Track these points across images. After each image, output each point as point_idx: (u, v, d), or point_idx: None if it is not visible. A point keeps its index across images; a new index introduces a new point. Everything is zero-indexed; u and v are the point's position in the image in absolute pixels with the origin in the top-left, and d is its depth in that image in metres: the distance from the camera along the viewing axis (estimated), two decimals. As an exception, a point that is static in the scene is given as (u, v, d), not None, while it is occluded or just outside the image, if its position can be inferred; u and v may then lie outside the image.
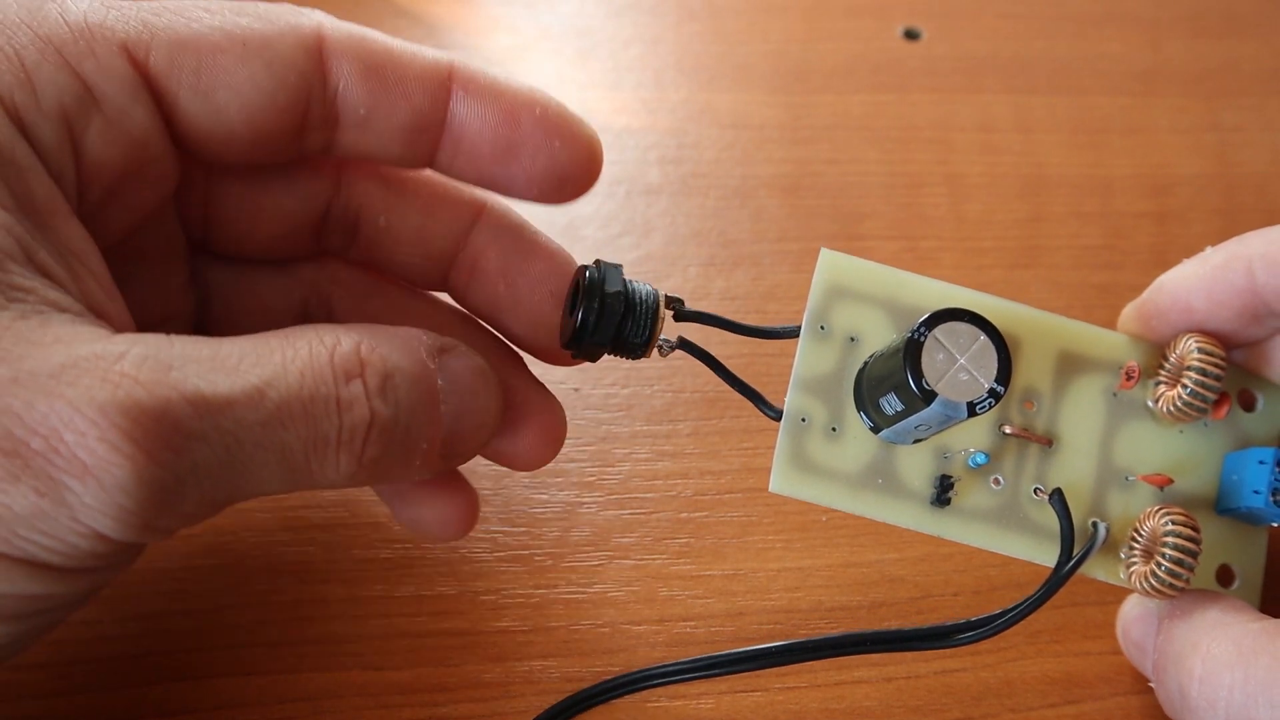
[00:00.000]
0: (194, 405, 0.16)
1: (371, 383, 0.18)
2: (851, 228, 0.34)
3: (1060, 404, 0.23)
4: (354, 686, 0.24)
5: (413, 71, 0.21)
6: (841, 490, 0.22)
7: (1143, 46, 0.39)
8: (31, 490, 0.15)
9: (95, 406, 0.15)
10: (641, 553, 0.27)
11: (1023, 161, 0.35)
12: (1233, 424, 0.24)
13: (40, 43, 0.18)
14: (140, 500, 0.16)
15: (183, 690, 0.24)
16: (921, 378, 0.20)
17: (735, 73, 0.37)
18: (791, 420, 0.22)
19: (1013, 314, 0.23)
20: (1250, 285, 0.22)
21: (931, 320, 0.20)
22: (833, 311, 0.23)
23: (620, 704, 0.25)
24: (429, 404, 0.20)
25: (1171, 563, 0.21)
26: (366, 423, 0.18)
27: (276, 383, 0.17)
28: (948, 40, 0.38)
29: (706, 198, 0.34)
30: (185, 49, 0.19)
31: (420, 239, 0.24)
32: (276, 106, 0.20)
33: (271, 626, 0.25)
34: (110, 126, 0.19)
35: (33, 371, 0.15)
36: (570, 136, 0.22)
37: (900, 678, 0.25)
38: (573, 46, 0.37)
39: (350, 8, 0.37)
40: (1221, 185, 0.35)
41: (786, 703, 0.25)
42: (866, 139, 0.36)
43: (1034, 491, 0.23)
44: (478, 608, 0.26)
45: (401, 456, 0.19)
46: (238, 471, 0.17)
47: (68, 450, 0.15)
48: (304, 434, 0.17)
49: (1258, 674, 0.19)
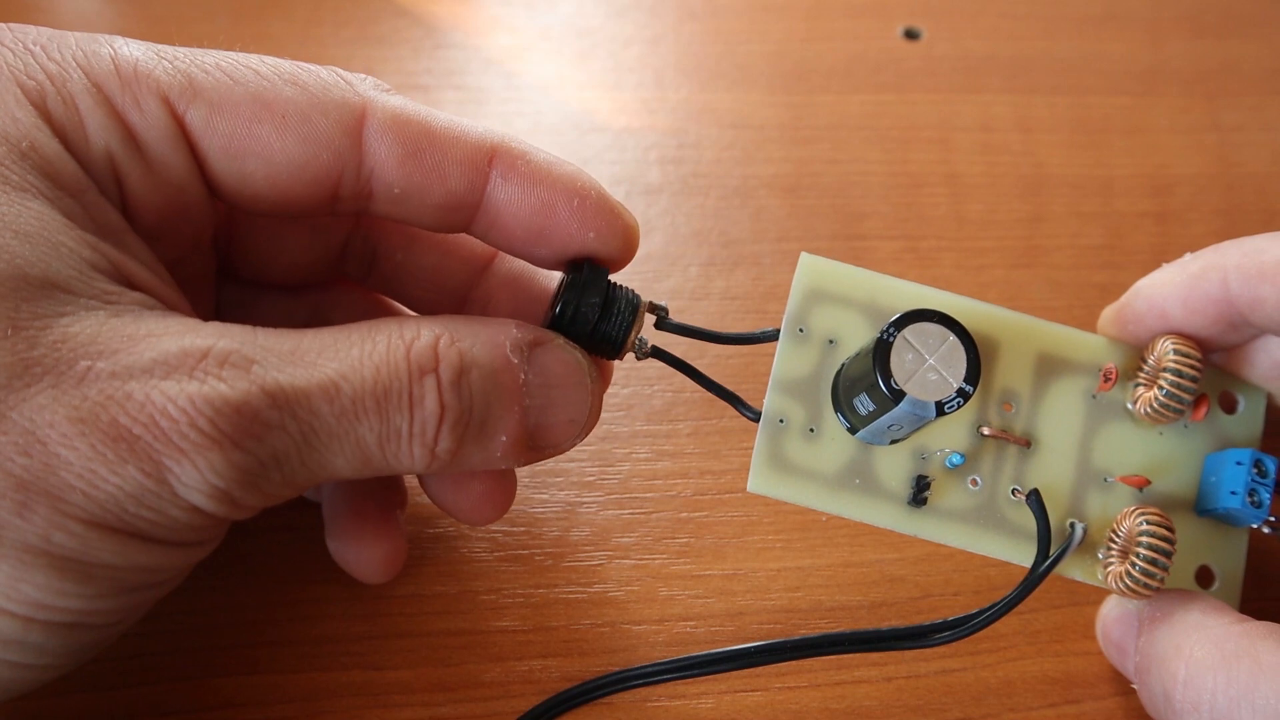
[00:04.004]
0: (273, 398, 0.18)
1: (445, 377, 0.19)
2: (852, 227, 0.34)
3: (1039, 406, 0.23)
4: (354, 686, 0.24)
5: (453, 155, 0.21)
6: (819, 490, 0.22)
7: (1143, 46, 0.39)
8: (138, 471, 0.17)
9: (186, 398, 0.17)
10: (641, 552, 0.27)
11: (1023, 161, 0.35)
12: (1213, 426, 0.24)
13: (92, 88, 0.19)
14: (229, 480, 0.17)
15: (183, 690, 0.24)
16: (890, 377, 0.20)
17: (735, 73, 0.37)
18: (769, 421, 0.23)
19: (991, 316, 0.23)
20: (1225, 295, 0.22)
21: (901, 321, 0.21)
22: (812, 314, 0.23)
23: (620, 704, 0.25)
24: (507, 398, 0.20)
25: (1146, 562, 0.21)
26: (438, 417, 0.19)
27: (351, 376, 0.18)
28: (948, 40, 0.38)
29: (706, 198, 0.34)
30: (222, 112, 0.20)
31: (434, 278, 0.24)
32: (306, 179, 0.21)
33: (271, 626, 0.25)
34: (151, 172, 0.20)
35: (129, 366, 0.17)
36: (607, 229, 0.22)
37: (900, 677, 0.25)
38: (573, 46, 0.37)
39: (350, 8, 0.37)
40: (1221, 185, 0.35)
41: (786, 703, 0.25)
42: (867, 139, 0.36)
43: (1012, 492, 0.23)
44: (478, 608, 0.26)
45: (479, 447, 0.20)
46: (314, 458, 0.18)
47: (165, 435, 0.17)
48: (376, 427, 0.19)
49: (1240, 678, 0.20)
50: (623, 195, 0.33)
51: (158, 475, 0.17)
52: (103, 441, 0.16)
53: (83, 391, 0.17)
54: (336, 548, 0.24)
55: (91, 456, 0.16)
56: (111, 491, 0.17)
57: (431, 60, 0.37)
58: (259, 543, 0.26)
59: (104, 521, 0.17)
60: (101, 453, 0.16)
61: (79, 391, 0.17)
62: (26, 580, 0.17)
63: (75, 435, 0.16)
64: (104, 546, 0.17)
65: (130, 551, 0.18)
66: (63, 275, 0.17)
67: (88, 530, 0.17)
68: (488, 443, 0.20)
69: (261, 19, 0.37)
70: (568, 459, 0.28)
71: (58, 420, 0.16)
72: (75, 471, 0.16)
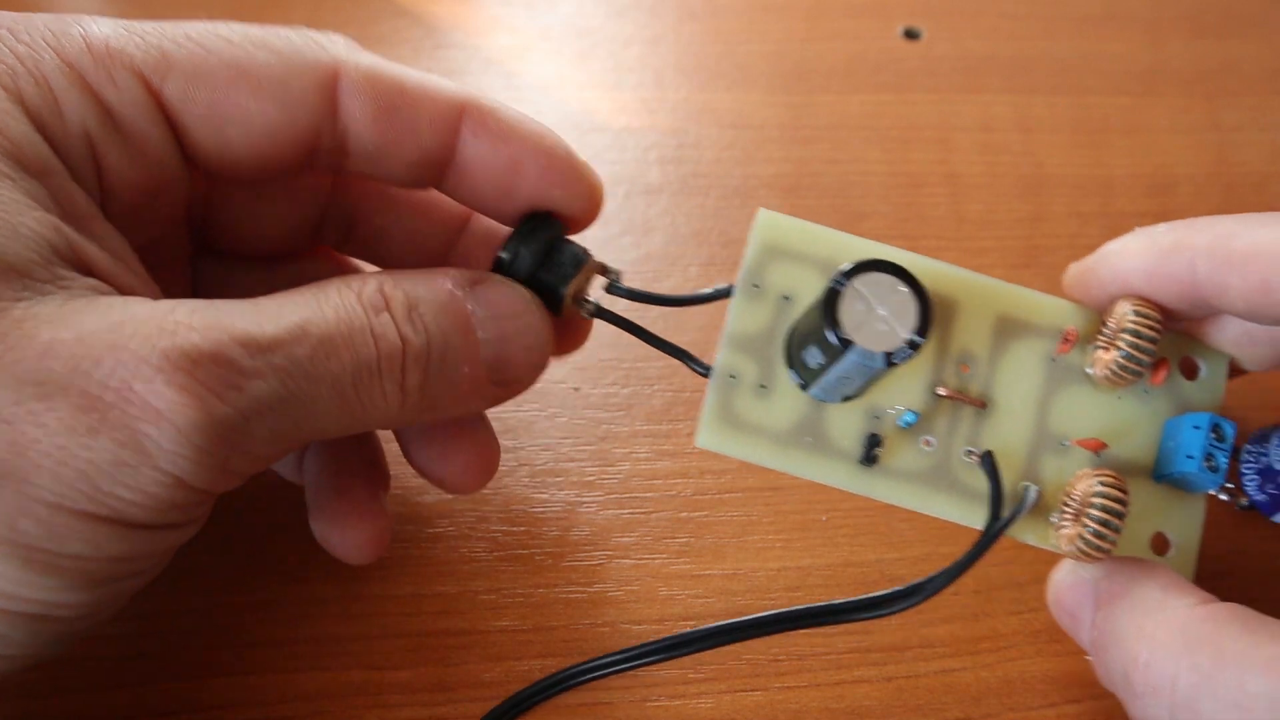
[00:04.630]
0: (246, 345, 0.17)
1: (398, 313, 0.20)
2: (852, 227, 0.33)
3: (997, 367, 0.23)
4: (354, 686, 0.24)
5: (424, 111, 0.21)
6: (769, 447, 0.22)
7: (1143, 46, 0.39)
8: (112, 441, 0.16)
9: (159, 353, 0.16)
10: (641, 552, 0.27)
11: (1023, 161, 0.35)
12: (1174, 390, 0.23)
13: (65, 67, 0.19)
14: (212, 438, 0.17)
15: (183, 690, 0.24)
16: (838, 327, 0.20)
17: (735, 73, 0.37)
18: (720, 377, 0.22)
19: (951, 277, 0.23)
20: (1191, 278, 0.22)
21: (852, 271, 0.20)
22: (768, 270, 0.23)
23: (620, 704, 0.25)
24: (460, 329, 0.21)
25: (1098, 524, 0.21)
26: (399, 349, 0.20)
27: (315, 320, 0.19)
28: (948, 40, 0.38)
29: (706, 197, 0.34)
30: (199, 82, 0.20)
31: (411, 239, 0.25)
32: (285, 141, 0.21)
33: (271, 626, 0.25)
34: (130, 148, 0.20)
35: (94, 329, 0.16)
36: (572, 186, 0.22)
37: (900, 677, 0.25)
38: (573, 46, 0.37)
39: (350, 8, 0.37)
40: (1221, 185, 0.35)
41: (786, 702, 0.25)
42: (867, 139, 0.36)
43: (966, 454, 0.23)
44: (478, 607, 0.26)
45: (446, 383, 0.20)
46: (296, 406, 0.18)
47: (139, 398, 0.16)
48: (348, 361, 0.19)
49: (1203, 666, 0.19)
50: (622, 195, 0.34)
51: (134, 443, 0.16)
52: (71, 413, 0.16)
53: (47, 365, 0.16)
54: (320, 529, 0.24)
55: (59, 431, 0.15)
56: (82, 467, 0.16)
57: (431, 60, 0.37)
58: (259, 542, 0.26)
59: (74, 504, 0.16)
60: (71, 425, 0.16)
61: (43, 365, 0.16)
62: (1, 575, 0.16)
63: (42, 410, 0.15)
64: (74, 533, 0.16)
65: (102, 538, 0.17)
66: (21, 259, 0.17)
67: (55, 515, 0.16)
68: (451, 374, 0.20)
69: (261, 19, 0.37)
70: (568, 459, 0.28)
71: (23, 398, 0.15)
72: (43, 449, 0.15)
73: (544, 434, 0.29)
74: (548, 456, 0.28)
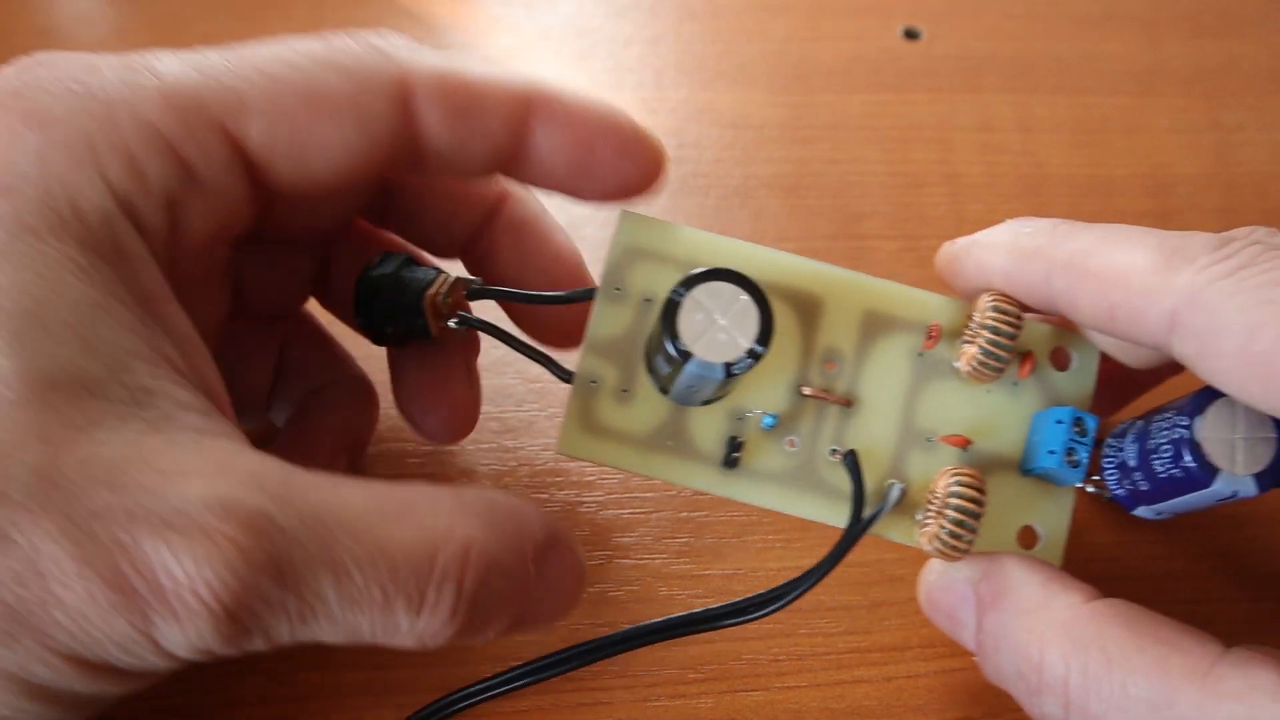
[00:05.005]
0: (283, 575, 0.17)
1: (469, 584, 0.19)
2: (852, 227, 0.34)
3: (863, 365, 0.23)
4: (354, 686, 0.24)
5: (494, 108, 0.21)
6: (630, 452, 0.22)
7: (1142, 46, 0.39)
8: (127, 623, 0.16)
9: (194, 561, 0.16)
10: (641, 552, 0.27)
11: (1023, 161, 0.35)
12: (1044, 383, 0.23)
13: (145, 129, 0.18)
14: (216, 645, 0.17)
15: (183, 690, 0.24)
16: (678, 338, 0.20)
17: (735, 72, 0.37)
18: (581, 382, 0.22)
19: (816, 274, 0.23)
20: (1046, 288, 0.21)
21: (690, 281, 0.20)
22: (630, 273, 0.23)
23: (620, 703, 0.25)
24: (511, 604, 0.20)
25: (953, 524, 0.21)
26: (446, 622, 0.19)
27: (368, 565, 0.17)
28: (948, 40, 0.38)
29: (706, 197, 0.34)
30: (278, 122, 0.20)
31: (444, 223, 0.25)
32: (364, 159, 0.21)
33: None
34: (207, 203, 0.20)
35: (147, 511, 0.16)
36: (642, 157, 0.22)
37: (900, 677, 0.25)
38: (573, 46, 0.38)
39: (351, 8, 0.37)
40: (1221, 185, 0.36)
41: (786, 702, 0.25)
42: (867, 138, 0.36)
43: (830, 453, 0.22)
44: (478, 607, 0.26)
45: (465, 640, 0.19)
46: (303, 629, 0.18)
47: (164, 596, 0.16)
48: (377, 622, 0.18)
49: (1090, 668, 0.20)
50: (623, 195, 0.34)
51: (144, 629, 0.16)
52: (100, 589, 0.16)
53: (93, 529, 0.16)
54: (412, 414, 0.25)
55: (86, 601, 0.16)
56: (97, 636, 0.16)
57: (431, 60, 0.37)
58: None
59: (82, 659, 0.17)
60: (96, 599, 0.16)
61: (89, 528, 0.16)
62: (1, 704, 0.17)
63: (75, 576, 0.16)
64: (77, 678, 0.17)
65: (100, 682, 0.17)
66: (95, 376, 0.17)
67: (65, 664, 0.17)
68: (475, 637, 0.20)
69: (261, 19, 0.37)
70: (568, 459, 0.28)
71: (61, 556, 0.16)
72: (67, 612, 0.16)
73: (544, 434, 0.29)
74: (548, 456, 0.28)
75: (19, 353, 0.16)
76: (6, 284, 0.17)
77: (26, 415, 0.16)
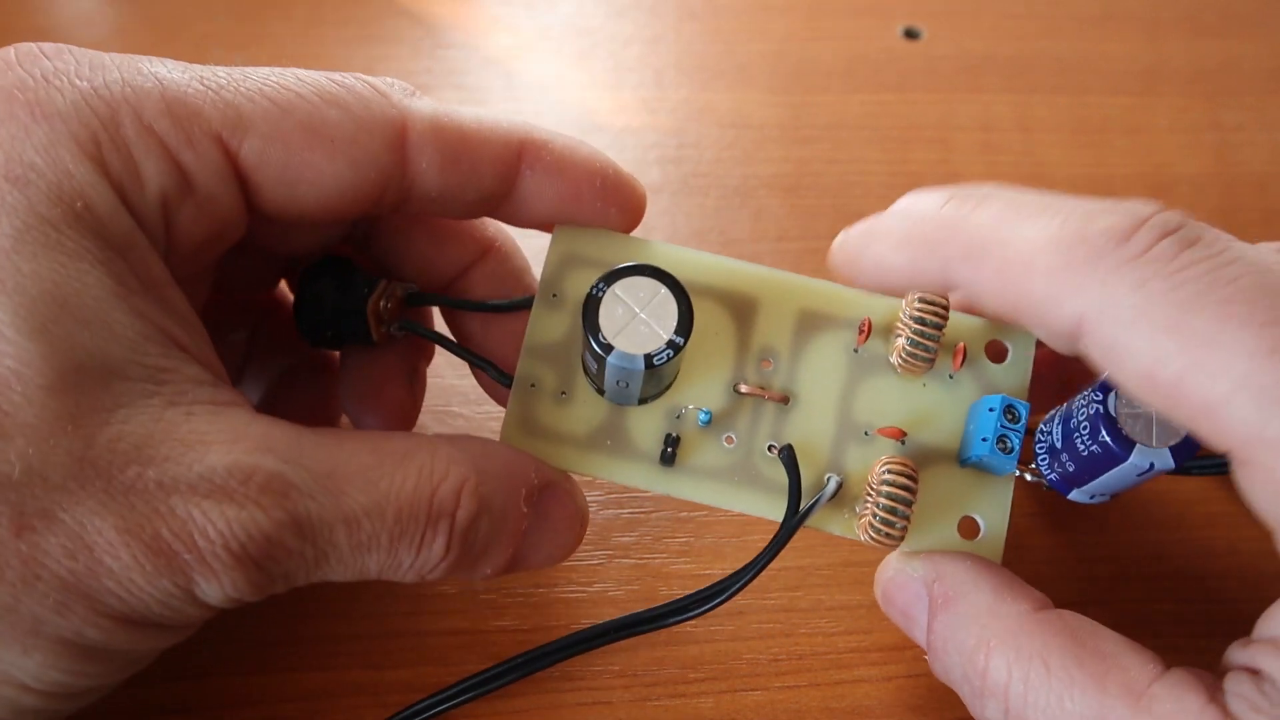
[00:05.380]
0: (300, 527, 0.19)
1: (460, 523, 0.20)
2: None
3: (799, 361, 0.23)
4: (354, 686, 0.24)
5: (485, 155, 0.22)
6: (569, 452, 0.23)
7: (1143, 46, 0.39)
8: (171, 583, 0.18)
9: (225, 523, 0.18)
10: (641, 552, 0.27)
11: (1023, 161, 0.35)
12: (980, 374, 0.23)
13: (145, 132, 0.19)
14: (247, 593, 0.19)
15: (183, 690, 0.24)
16: (599, 332, 0.21)
17: (735, 72, 0.37)
18: (520, 386, 0.23)
19: (750, 275, 0.23)
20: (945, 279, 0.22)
21: (610, 276, 0.21)
22: (567, 279, 0.23)
23: (619, 703, 0.25)
24: (506, 543, 0.21)
25: (885, 511, 0.21)
26: (440, 558, 0.20)
27: (374, 513, 0.19)
28: (948, 40, 0.38)
29: (706, 197, 0.34)
30: (274, 144, 0.20)
31: (424, 265, 0.25)
32: (353, 196, 0.21)
33: (271, 626, 0.25)
34: (200, 209, 0.20)
35: (176, 479, 0.18)
36: (624, 203, 0.23)
37: (900, 677, 0.25)
38: (573, 46, 0.38)
39: (350, 8, 0.37)
40: (1221, 184, 0.36)
41: (786, 702, 0.25)
42: (867, 138, 0.36)
43: (768, 449, 0.23)
44: (478, 607, 0.26)
45: (463, 574, 0.21)
46: (318, 572, 0.20)
47: (200, 555, 0.18)
48: (383, 560, 0.20)
49: (1031, 680, 0.20)
50: (623, 195, 0.34)
51: (186, 586, 0.18)
52: (144, 554, 0.17)
53: (131, 501, 0.17)
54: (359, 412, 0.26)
55: (132, 566, 0.17)
56: (143, 598, 0.18)
57: (431, 60, 0.37)
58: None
59: (129, 617, 0.18)
60: (141, 564, 0.17)
61: (127, 500, 0.17)
62: (55, 667, 0.18)
63: (120, 545, 0.17)
64: (125, 637, 0.18)
65: (145, 639, 0.19)
66: (117, 359, 0.18)
67: (115, 625, 0.18)
68: (472, 571, 0.21)
69: (261, 19, 0.37)
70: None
71: (105, 528, 0.17)
72: (115, 578, 0.17)
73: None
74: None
75: (49, 340, 0.17)
76: (31, 272, 0.17)
77: (59, 401, 0.17)
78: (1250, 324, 0.18)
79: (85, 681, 0.19)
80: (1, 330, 0.17)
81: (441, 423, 0.29)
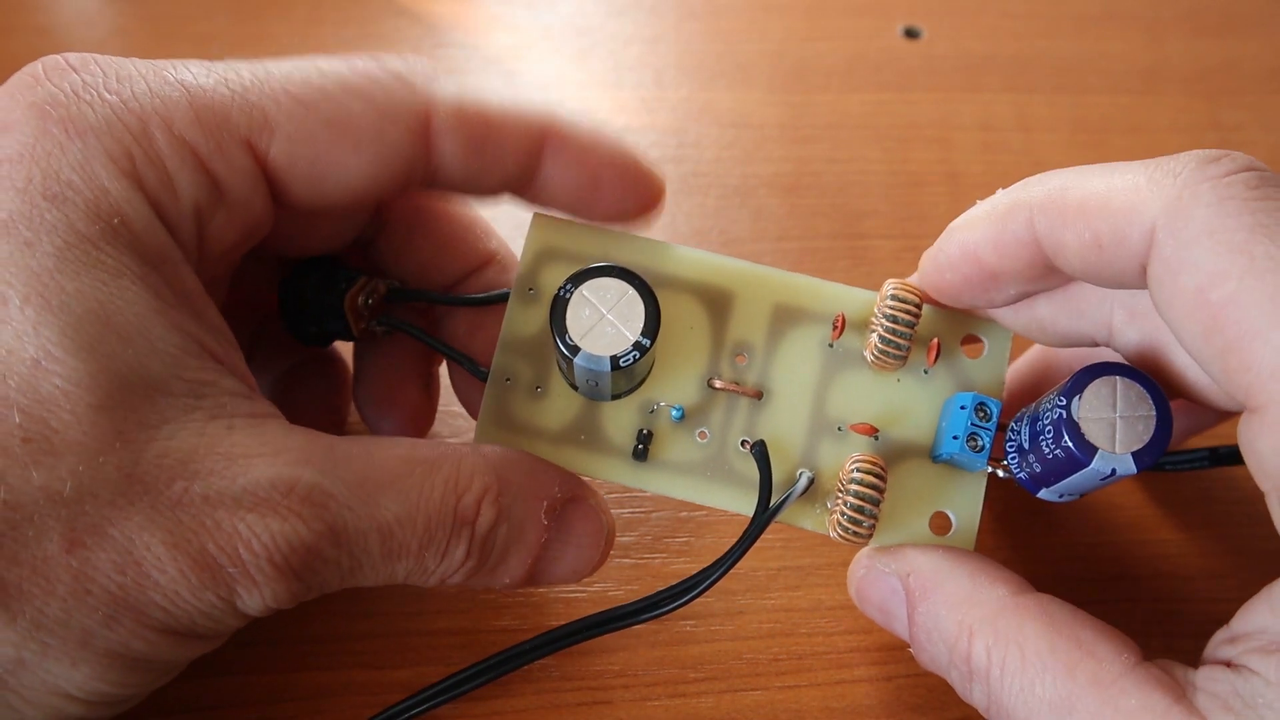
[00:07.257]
0: (338, 537, 0.19)
1: (479, 531, 0.21)
2: (852, 226, 0.34)
3: (773, 357, 0.23)
4: (354, 686, 0.24)
5: (509, 140, 0.22)
6: (543, 447, 0.23)
7: (1143, 45, 0.39)
8: (215, 595, 0.18)
9: (269, 534, 0.18)
10: (641, 551, 0.27)
11: (1023, 160, 0.35)
12: (955, 370, 0.23)
13: (177, 143, 0.19)
14: (284, 602, 0.19)
15: (183, 690, 0.24)
16: (565, 333, 0.21)
17: (735, 72, 0.37)
18: (495, 380, 0.23)
19: (726, 269, 0.23)
20: (1032, 236, 0.21)
21: (577, 277, 0.21)
22: (543, 274, 0.23)
23: (619, 703, 0.25)
24: (524, 553, 0.22)
25: (853, 509, 0.21)
26: (460, 564, 0.21)
27: (405, 523, 0.20)
28: (948, 39, 0.38)
29: (707, 196, 0.34)
30: (302, 144, 0.20)
31: (426, 269, 0.25)
32: (378, 185, 0.21)
33: (271, 625, 0.25)
34: (231, 215, 0.21)
35: (221, 493, 0.18)
36: (644, 190, 0.23)
37: (900, 677, 0.25)
38: (573, 45, 0.37)
39: (350, 8, 0.37)
40: (1222, 184, 0.35)
41: (786, 701, 0.25)
42: (867, 138, 0.36)
43: (741, 444, 0.23)
44: (478, 607, 0.26)
45: (482, 582, 0.22)
46: (351, 579, 0.20)
47: (244, 568, 0.18)
48: (411, 566, 0.20)
49: (1008, 664, 0.20)
50: (623, 194, 0.34)
51: (229, 598, 0.18)
52: (190, 568, 0.18)
53: (177, 515, 0.18)
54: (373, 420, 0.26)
55: (178, 580, 0.18)
56: (188, 610, 0.18)
57: (431, 59, 0.36)
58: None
59: (173, 629, 0.18)
60: (187, 577, 0.18)
61: (174, 515, 0.18)
62: (101, 678, 0.18)
63: (167, 559, 0.18)
64: (168, 648, 0.19)
65: (187, 649, 0.19)
66: (160, 375, 0.18)
67: (160, 637, 0.18)
68: (491, 579, 0.22)
69: (261, 18, 0.37)
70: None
71: (153, 543, 0.18)
72: (162, 591, 0.18)
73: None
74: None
75: (95, 358, 0.18)
76: (75, 291, 0.18)
77: (107, 418, 0.17)
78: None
79: (126, 691, 0.19)
80: (49, 349, 0.17)
81: (442, 422, 0.29)
